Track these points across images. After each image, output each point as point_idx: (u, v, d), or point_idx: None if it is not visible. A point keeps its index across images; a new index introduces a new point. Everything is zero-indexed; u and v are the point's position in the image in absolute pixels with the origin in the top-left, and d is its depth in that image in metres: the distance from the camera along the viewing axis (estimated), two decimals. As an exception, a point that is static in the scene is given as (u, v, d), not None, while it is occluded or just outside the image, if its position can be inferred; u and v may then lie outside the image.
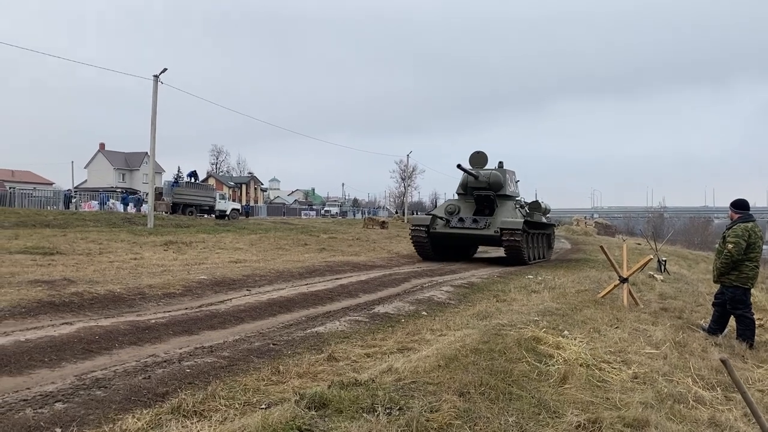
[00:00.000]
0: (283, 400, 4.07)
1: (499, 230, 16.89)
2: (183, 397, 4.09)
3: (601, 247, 10.63)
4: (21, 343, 5.57)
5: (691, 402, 4.63)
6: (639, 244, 30.22)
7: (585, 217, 71.60)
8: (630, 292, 9.27)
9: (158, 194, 36.76)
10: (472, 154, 19.60)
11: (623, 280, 9.34)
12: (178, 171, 62.85)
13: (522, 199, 20.69)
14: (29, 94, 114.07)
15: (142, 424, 3.66)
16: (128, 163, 79.31)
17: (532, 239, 18.81)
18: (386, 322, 7.55)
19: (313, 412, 3.63)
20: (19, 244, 14.46)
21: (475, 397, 4.08)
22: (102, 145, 78.46)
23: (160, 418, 3.77)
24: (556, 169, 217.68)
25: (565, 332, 6.45)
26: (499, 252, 19.52)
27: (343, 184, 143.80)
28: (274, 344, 6.18)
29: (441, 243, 18.28)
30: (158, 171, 55.79)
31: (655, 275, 14.17)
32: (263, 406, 3.97)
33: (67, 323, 6.59)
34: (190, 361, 5.35)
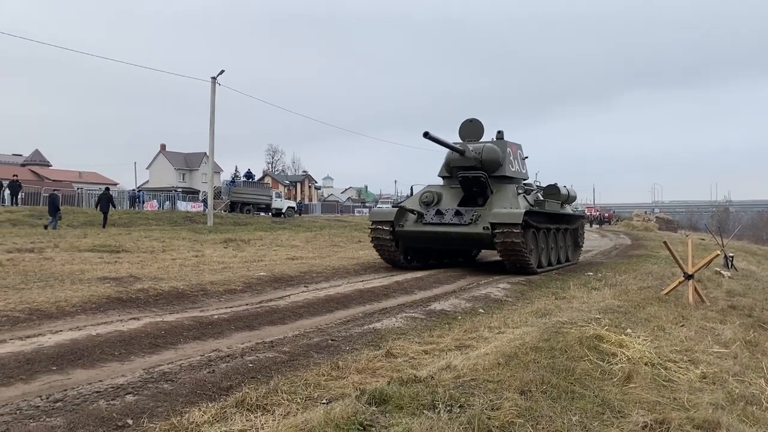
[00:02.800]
0: (343, 395, 4.11)
1: (489, 226, 11.77)
2: (246, 391, 4.19)
3: (665, 242, 10.31)
4: (93, 337, 5.81)
5: (764, 404, 4.45)
6: (703, 239, 29.15)
7: (645, 212, 69.48)
8: (696, 289, 8.96)
9: (217, 193, 37.68)
10: (462, 124, 14.21)
11: (688, 277, 9.03)
12: (236, 170, 64.18)
13: (536, 183, 15.73)
14: (93, 97, 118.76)
15: (208, 417, 3.76)
16: (188, 163, 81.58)
17: (547, 237, 13.77)
18: (443, 319, 7.53)
19: (374, 408, 3.66)
20: (88, 242, 15.08)
21: (537, 396, 4.03)
22: (163, 146, 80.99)
23: (225, 411, 3.86)
24: (617, 163, 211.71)
25: (628, 330, 6.28)
26: None
27: (395, 181, 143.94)
28: (332, 340, 6.25)
29: (413, 245, 13.43)
30: (216, 171, 57.21)
31: (722, 272, 13.64)
32: (324, 401, 4.02)
33: (134, 318, 6.84)
34: (252, 356, 5.47)
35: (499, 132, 14.35)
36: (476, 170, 12.98)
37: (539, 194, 14.05)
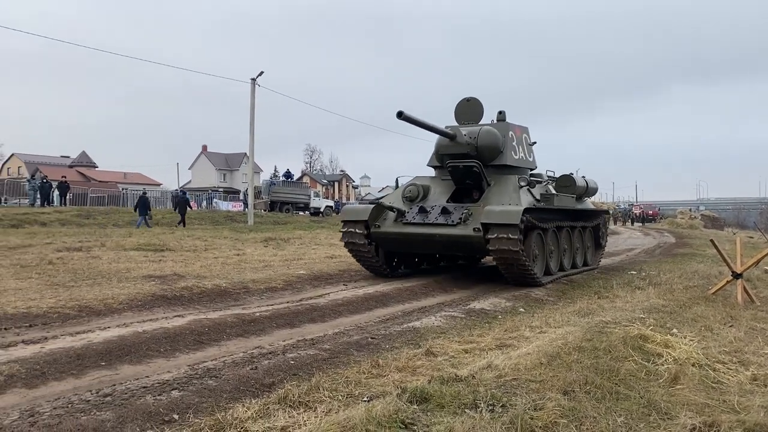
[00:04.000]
0: (384, 393, 4.12)
1: (480, 228, 9.47)
2: (288, 387, 4.23)
3: (712, 240, 10.03)
4: (139, 334, 5.96)
5: (820, 407, 4.28)
6: (751, 237, 28.28)
7: (690, 210, 67.73)
8: (745, 289, 8.69)
9: (257, 193, 38.19)
10: (459, 104, 11.89)
11: (737, 276, 8.76)
12: (275, 170, 65.06)
13: (548, 173, 12.90)
14: (137, 100, 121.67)
15: (252, 413, 3.81)
16: (228, 163, 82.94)
17: (558, 238, 11.53)
18: (483, 318, 7.48)
19: (415, 406, 3.66)
20: (133, 241, 15.46)
21: (581, 396, 3.97)
22: (204, 147, 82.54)
23: (268, 407, 3.91)
24: (661, 159, 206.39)
25: (674, 330, 6.14)
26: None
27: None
28: (372, 338, 6.27)
29: (393, 250, 11.13)
30: (256, 171, 58.03)
31: (773, 271, 13.19)
32: (366, 399, 4.04)
33: (178, 316, 6.98)
34: (293, 353, 5.53)
35: (500, 113, 11.74)
36: (470, 158, 10.63)
37: (550, 186, 11.66)
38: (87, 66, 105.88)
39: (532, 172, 12.28)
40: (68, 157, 77.45)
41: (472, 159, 10.61)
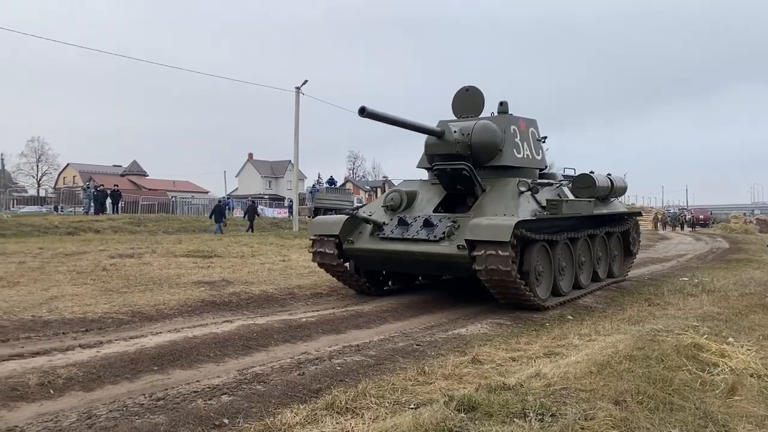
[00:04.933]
0: (431, 400, 4.11)
1: (464, 245, 7.85)
2: (336, 394, 4.26)
3: (769, 246, 9.67)
4: (189, 339, 6.10)
5: None
6: (812, 242, 27.11)
7: (744, 214, 65.40)
8: (805, 297, 8.35)
9: (301, 200, 38.66)
10: (456, 94, 10.25)
11: (797, 283, 8.42)
12: (318, 177, 65.79)
13: (562, 173, 11.35)
14: (185, 109, 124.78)
15: (300, 419, 3.85)
16: (274, 171, 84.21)
17: (572, 249, 9.62)
18: (530, 326, 7.38)
19: (463, 415, 3.64)
20: (182, 248, 15.81)
21: (633, 406, 3.88)
22: (250, 155, 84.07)
23: (316, 413, 3.95)
24: (712, 162, 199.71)
25: (730, 339, 5.94)
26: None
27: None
28: (417, 345, 6.26)
29: (371, 268, 9.58)
30: (301, 178, 58.74)
31: (835, 277, 12.63)
32: (412, 406, 4.04)
33: (227, 321, 7.12)
34: (339, 359, 5.57)
35: (501, 103, 10.04)
36: (460, 159, 8.96)
37: (565, 189, 9.95)
38: (137, 77, 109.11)
39: (544, 172, 10.63)
40: (120, 166, 79.89)
41: (461, 160, 8.91)
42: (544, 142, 10.60)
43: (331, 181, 48.37)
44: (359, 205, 11.75)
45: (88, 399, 4.38)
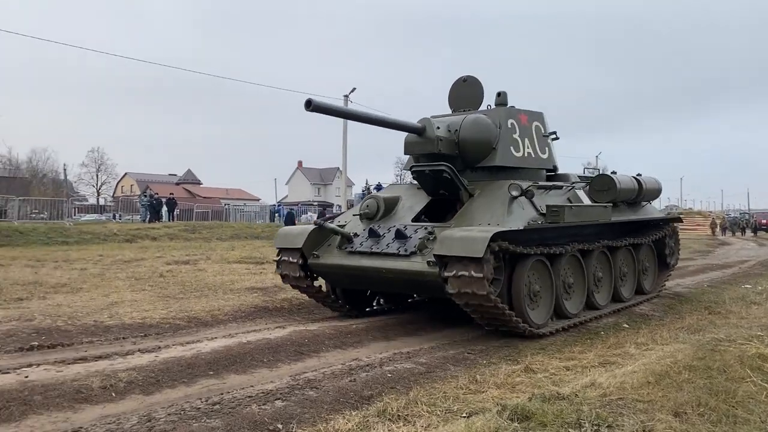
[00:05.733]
0: (483, 409, 4.07)
1: (434, 262, 6.55)
2: (387, 401, 4.28)
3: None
4: (243, 344, 6.22)
5: None
6: None
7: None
8: None
9: (350, 206, 38.95)
10: (453, 85, 9.12)
11: None
12: (366, 184, 66.20)
13: (581, 174, 10.18)
14: (237, 118, 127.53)
15: (352, 426, 3.88)
16: (323, 178, 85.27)
17: (584, 263, 8.08)
18: (584, 334, 7.24)
19: (516, 424, 3.60)
20: (235, 254, 16.17)
21: (693, 419, 3.76)
22: (300, 163, 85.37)
23: (368, 420, 3.97)
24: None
25: (798, 350, 5.68)
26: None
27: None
28: (468, 353, 6.22)
29: (342, 286, 8.28)
30: (349, 184, 59.19)
31: None
32: (464, 415, 4.01)
33: (279, 327, 7.23)
34: (390, 366, 5.58)
35: (499, 94, 8.71)
36: (445, 159, 7.67)
37: (579, 192, 8.21)
38: (190, 88, 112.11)
39: (556, 173, 9.19)
40: (175, 174, 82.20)
41: (446, 159, 7.66)
42: (556, 138, 9.14)
43: (379, 187, 48.55)
44: (335, 213, 10.04)
45: (148, 402, 4.52)
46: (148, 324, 7.22)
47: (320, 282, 8.08)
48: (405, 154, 8.30)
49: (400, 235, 7.11)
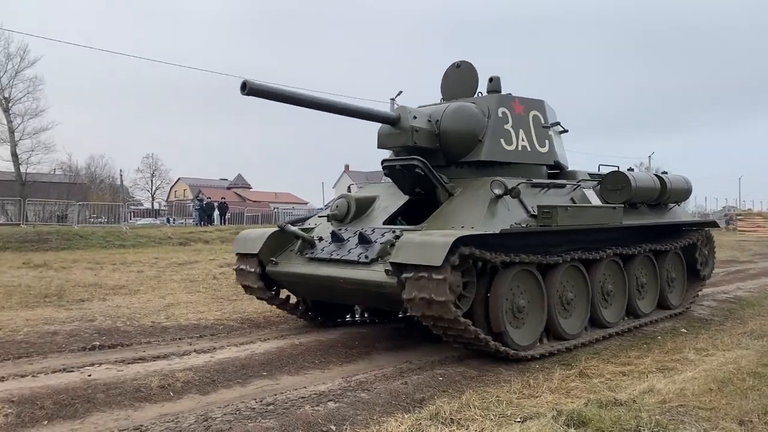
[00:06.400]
0: (537, 414, 4.02)
1: (391, 270, 5.54)
2: (439, 404, 4.26)
3: None
4: (296, 345, 6.30)
5: None
6: None
7: None
8: None
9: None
10: (446, 72, 8.16)
11: None
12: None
13: (584, 172, 8.30)
14: (285, 123, 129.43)
15: (404, 429, 3.88)
16: (369, 181, 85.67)
17: (590, 275, 6.96)
18: (640, 339, 7.05)
19: (572, 430, 3.54)
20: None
21: (760, 427, 3.62)
22: (347, 167, 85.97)
23: (420, 423, 3.96)
24: None
25: None
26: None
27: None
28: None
29: (306, 297, 7.40)
30: (396, 187, 59.52)
31: None
32: (519, 419, 3.96)
33: (330, 328, 7.28)
34: (441, 369, 5.55)
35: (490, 79, 7.73)
36: (422, 153, 6.79)
37: (588, 191, 7.21)
38: (239, 94, 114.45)
39: (560, 171, 8.11)
40: (226, 179, 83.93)
41: (424, 154, 6.78)
42: (564, 131, 8.27)
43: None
44: (304, 216, 9.75)
45: (204, 402, 4.62)
46: (203, 325, 7.40)
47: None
48: (378, 147, 7.19)
49: (363, 240, 6.24)
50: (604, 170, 8.06)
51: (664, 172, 8.45)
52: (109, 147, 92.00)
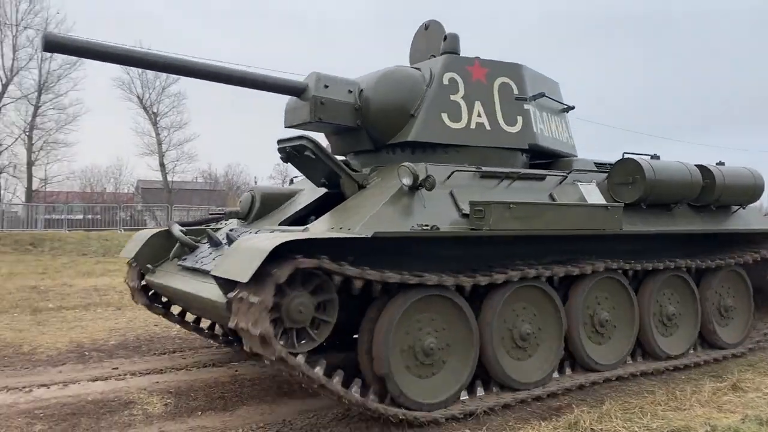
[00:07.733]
0: (687, 428, 3.79)
1: (222, 284, 3.95)
2: (579, 413, 4.13)
3: None
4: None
5: None
6: None
7: None
8: None
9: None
10: (415, 34, 6.55)
11: None
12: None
13: (590, 160, 6.14)
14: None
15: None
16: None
17: (574, 299, 5.11)
18: None
19: (729, 447, 3.29)
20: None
21: None
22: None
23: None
24: None
25: None
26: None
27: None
28: (666, 367, 5.78)
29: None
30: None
31: None
32: (667, 433, 3.75)
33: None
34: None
35: (445, 38, 5.87)
36: (343, 133, 5.67)
37: (588, 185, 5.49)
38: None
39: (556, 159, 6.13)
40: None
41: (341, 133, 5.68)
42: (568, 108, 6.47)
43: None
44: (225, 210, 6.17)
45: (341, 400, 4.76)
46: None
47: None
48: (285, 126, 5.67)
49: (219, 244, 5.09)
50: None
51: (720, 163, 6.27)
52: (244, 156, 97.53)
